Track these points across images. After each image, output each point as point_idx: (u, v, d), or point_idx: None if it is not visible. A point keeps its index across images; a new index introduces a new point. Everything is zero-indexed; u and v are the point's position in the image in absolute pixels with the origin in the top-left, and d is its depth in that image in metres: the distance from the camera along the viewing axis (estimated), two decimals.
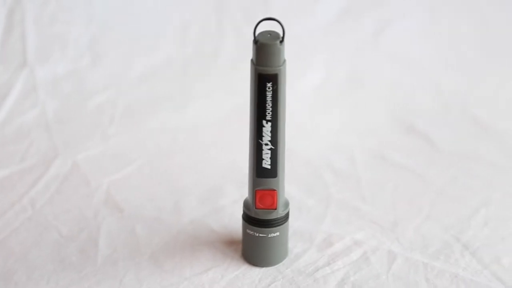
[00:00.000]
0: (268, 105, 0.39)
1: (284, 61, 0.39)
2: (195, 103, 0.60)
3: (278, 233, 0.42)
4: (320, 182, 0.51)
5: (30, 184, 0.49)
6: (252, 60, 0.39)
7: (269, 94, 0.39)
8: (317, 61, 0.64)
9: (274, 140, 0.40)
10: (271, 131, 0.40)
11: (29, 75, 0.59)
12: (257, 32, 0.39)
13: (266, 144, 0.40)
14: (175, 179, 0.51)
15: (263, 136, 0.40)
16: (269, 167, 0.40)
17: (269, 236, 0.42)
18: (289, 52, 0.66)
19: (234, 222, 0.46)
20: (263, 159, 0.40)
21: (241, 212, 0.43)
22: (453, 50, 0.65)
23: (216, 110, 0.59)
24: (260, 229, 0.42)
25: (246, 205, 0.43)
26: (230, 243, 0.45)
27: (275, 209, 0.41)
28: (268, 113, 0.39)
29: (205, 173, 0.52)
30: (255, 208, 0.42)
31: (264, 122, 0.40)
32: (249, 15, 0.66)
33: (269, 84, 0.39)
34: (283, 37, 0.38)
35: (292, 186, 0.50)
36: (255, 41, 0.38)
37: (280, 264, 0.43)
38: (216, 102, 0.60)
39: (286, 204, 0.43)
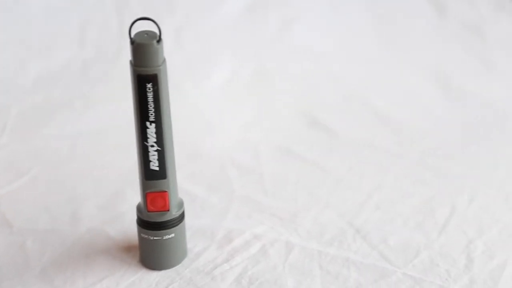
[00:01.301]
0: (150, 106, 0.39)
1: (164, 60, 0.39)
2: (95, 107, 0.58)
3: (173, 235, 0.42)
4: (225, 179, 0.51)
5: None
6: (130, 61, 0.38)
7: (150, 95, 0.38)
8: (223, 58, 0.64)
9: (160, 141, 0.40)
10: (155, 132, 0.39)
11: None
12: (133, 32, 0.38)
13: (152, 146, 0.39)
14: (73, 187, 0.49)
15: (148, 137, 0.39)
16: (157, 168, 0.40)
17: (164, 238, 0.42)
18: (195, 50, 0.66)
19: (134, 227, 0.45)
20: (151, 161, 0.40)
21: None
22: (355, 43, 0.68)
23: (117, 114, 0.57)
24: (154, 232, 0.41)
25: (138, 209, 0.42)
26: (128, 249, 0.44)
27: (168, 210, 0.41)
28: (151, 114, 0.39)
29: (105, 179, 0.50)
30: (147, 211, 0.41)
31: (147, 123, 0.39)
32: (152, 15, 0.64)
33: (149, 85, 0.38)
34: (160, 37, 0.38)
35: (197, 185, 0.50)
36: (132, 42, 0.37)
37: (179, 265, 0.43)
38: (116, 106, 0.58)
39: (180, 205, 0.43)
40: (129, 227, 0.45)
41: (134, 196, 0.48)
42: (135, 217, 0.46)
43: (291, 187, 0.51)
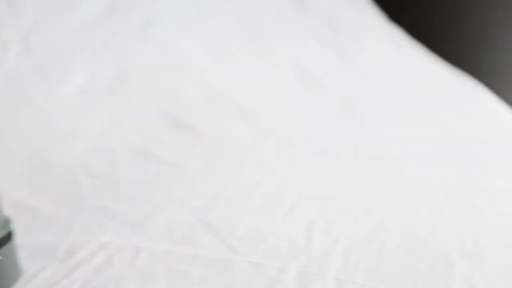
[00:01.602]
0: None
1: None
2: None
3: (0, 257, 0.39)
4: (75, 189, 0.49)
5: None
6: None
7: None
8: (80, 62, 0.61)
9: None
10: None
11: None
12: None
13: None
14: None
15: None
16: None
17: None
18: (46, 56, 0.62)
19: None
20: None
21: None
22: (219, 43, 0.68)
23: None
24: None
25: None
26: None
27: None
28: None
29: None
30: None
31: None
32: None
33: None
34: None
35: (42, 199, 0.46)
36: None
37: None
38: None
39: (5, 225, 0.39)
40: None
41: None
42: None
43: (145, 189, 0.50)
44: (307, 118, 0.60)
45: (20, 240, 0.41)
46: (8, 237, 0.39)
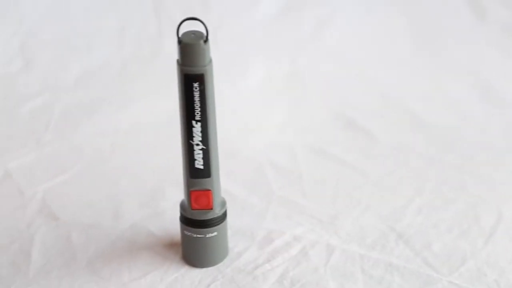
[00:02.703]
0: (197, 105, 0.39)
1: (210, 60, 0.39)
2: (134, 105, 0.59)
3: (216, 233, 0.42)
4: (263, 179, 0.51)
5: None
6: (177, 60, 0.39)
7: (196, 94, 0.39)
8: (257, 58, 0.65)
9: (205, 140, 0.40)
10: (201, 131, 0.39)
11: None
12: (181, 32, 0.38)
13: (197, 144, 0.40)
14: (114, 183, 0.50)
15: (194, 136, 0.40)
16: (202, 167, 0.40)
17: (207, 236, 0.42)
18: (230, 50, 0.66)
19: (175, 224, 0.46)
20: (196, 159, 0.40)
21: None
22: (390, 46, 0.67)
23: (155, 112, 0.58)
24: (197, 229, 0.42)
25: (182, 206, 0.42)
26: (170, 245, 0.44)
27: (211, 209, 0.41)
28: (197, 113, 0.39)
29: (145, 176, 0.51)
30: (191, 209, 0.41)
31: (193, 122, 0.39)
32: (188, 15, 0.65)
33: (195, 84, 0.38)
34: (207, 37, 0.38)
35: (235, 184, 0.50)
36: (179, 41, 0.38)
37: (221, 263, 0.43)
38: (154, 104, 0.59)
39: (223, 204, 0.43)
40: (170, 224, 0.46)
41: (173, 193, 0.49)
42: (175, 215, 0.46)
43: (329, 189, 0.50)
44: (491, 134, 0.56)
45: None
46: (224, 216, 0.43)
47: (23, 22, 0.59)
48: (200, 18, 0.38)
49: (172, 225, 0.46)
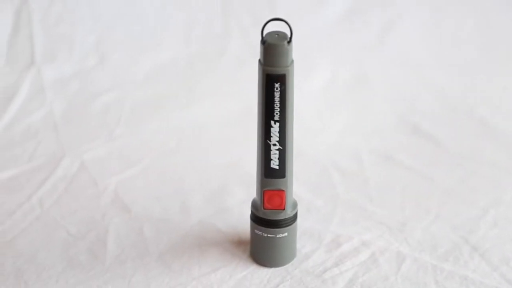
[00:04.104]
0: (276, 105, 0.39)
1: (292, 61, 0.39)
2: (200, 102, 0.60)
3: (286, 234, 0.42)
4: (328, 182, 0.51)
5: (38, 184, 0.49)
6: (260, 60, 0.39)
7: (277, 95, 0.39)
8: (323, 61, 0.64)
9: (282, 140, 0.40)
10: (279, 132, 0.40)
11: (37, 75, 0.59)
12: (264, 32, 0.38)
13: (274, 145, 0.40)
14: (181, 179, 0.51)
15: (271, 136, 0.40)
16: (277, 167, 0.40)
17: (278, 236, 0.42)
18: (295, 52, 0.66)
19: (242, 222, 0.46)
20: (271, 159, 0.40)
21: (249, 212, 0.43)
22: (456, 50, 0.65)
23: (220, 110, 0.59)
24: (268, 229, 0.42)
25: (254, 205, 0.43)
26: (238, 243, 0.45)
27: (284, 209, 0.41)
28: (276, 114, 0.39)
29: (210, 172, 0.52)
30: (264, 208, 0.42)
31: (272, 122, 0.40)
32: (254, 15, 0.66)
33: (277, 85, 0.39)
34: (290, 38, 0.38)
35: (300, 186, 0.50)
36: (263, 42, 0.38)
37: (289, 264, 0.43)
38: (220, 102, 0.60)
39: (295, 205, 0.43)
40: (237, 222, 0.47)
41: (238, 191, 0.49)
42: (242, 212, 0.47)
43: (397, 195, 0.49)
44: None
45: None
46: (295, 217, 0.43)
47: (98, 20, 0.62)
48: (286, 20, 0.38)
49: (239, 223, 0.46)
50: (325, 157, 0.54)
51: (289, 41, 0.38)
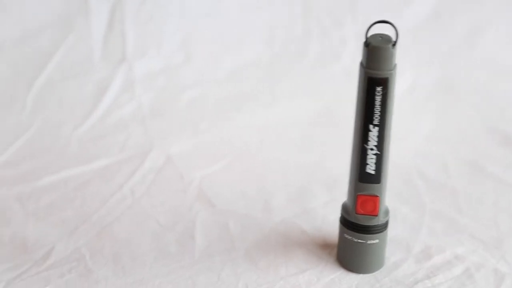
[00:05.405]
0: (377, 109, 0.38)
1: (395, 65, 0.38)
2: (281, 102, 0.60)
3: (377, 240, 0.41)
4: (413, 190, 0.49)
5: (128, 174, 0.52)
6: (361, 63, 0.39)
7: (378, 98, 0.38)
8: (406, 65, 0.62)
9: (380, 145, 0.39)
10: (377, 136, 0.39)
11: (128, 70, 0.62)
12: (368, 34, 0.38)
13: (372, 149, 0.39)
14: (263, 177, 0.51)
15: (369, 140, 0.39)
16: (373, 172, 0.40)
17: (368, 242, 0.41)
18: None
19: (327, 225, 0.46)
20: (367, 164, 0.40)
21: (334, 215, 0.43)
22: None
23: (301, 110, 0.59)
24: (359, 234, 0.41)
25: (345, 209, 0.42)
26: (323, 246, 0.44)
27: (376, 215, 0.41)
28: (376, 118, 0.39)
29: (292, 173, 0.52)
30: (356, 213, 0.41)
31: (371, 126, 0.39)
32: (335, 17, 0.65)
33: (379, 88, 0.38)
34: (396, 41, 0.37)
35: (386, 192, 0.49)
36: (366, 44, 0.38)
37: (377, 272, 0.42)
38: (301, 102, 0.60)
39: (387, 212, 0.42)
40: (322, 224, 0.46)
41: (321, 193, 0.49)
42: (326, 215, 0.47)
43: (489, 208, 0.47)
44: None
45: None
46: (386, 224, 0.42)
47: (185, 19, 0.64)
48: (392, 22, 0.37)
49: (324, 225, 0.46)
50: (410, 164, 0.52)
51: (394, 44, 0.37)
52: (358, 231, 0.41)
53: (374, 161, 0.39)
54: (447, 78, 0.61)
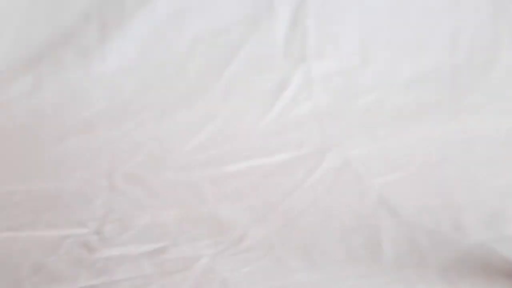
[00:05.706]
0: None
1: None
2: (466, 115, 0.56)
3: None
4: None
5: (308, 171, 0.52)
6: None
7: None
8: None
9: None
10: None
11: (307, 69, 0.63)
12: None
13: None
14: (450, 193, 0.48)
15: None
16: None
17: None
18: None
19: None
20: None
21: None
22: None
23: (489, 126, 0.54)
24: None
25: None
26: None
27: None
28: None
29: (482, 192, 0.48)
30: None
31: None
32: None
33: None
34: None
35: None
36: None
37: None
38: (489, 117, 0.55)
39: None
40: None
41: None
42: None
43: None
44: None
45: None
46: None
47: (365, 22, 0.63)
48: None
49: None
50: None
51: None
52: None
53: None
54: None
